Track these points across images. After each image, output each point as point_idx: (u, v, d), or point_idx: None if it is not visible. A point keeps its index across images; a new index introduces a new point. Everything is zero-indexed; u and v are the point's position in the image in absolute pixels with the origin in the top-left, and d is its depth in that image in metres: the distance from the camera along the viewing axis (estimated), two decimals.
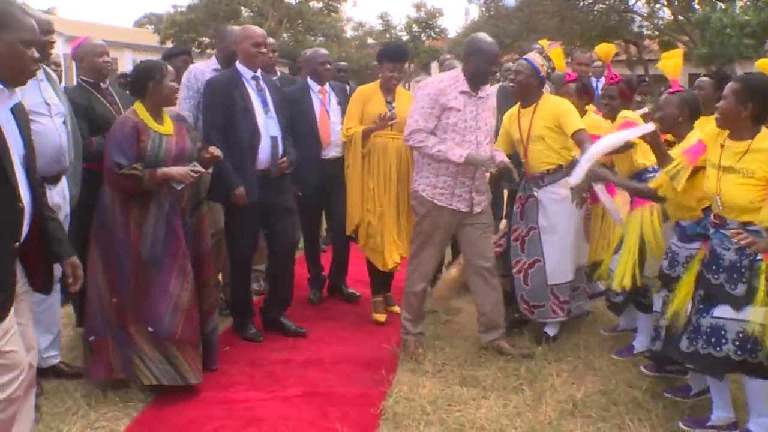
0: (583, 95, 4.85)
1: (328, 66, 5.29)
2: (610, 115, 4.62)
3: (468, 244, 4.40)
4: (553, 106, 4.42)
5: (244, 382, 4.02)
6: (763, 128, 3.25)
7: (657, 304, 3.89)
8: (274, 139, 4.46)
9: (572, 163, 4.28)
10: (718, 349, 3.20)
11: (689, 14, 23.25)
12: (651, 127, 3.65)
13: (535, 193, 4.52)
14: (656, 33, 28.60)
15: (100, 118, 4.16)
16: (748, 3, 17.59)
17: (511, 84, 4.82)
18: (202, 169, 3.84)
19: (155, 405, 3.72)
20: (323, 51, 5.40)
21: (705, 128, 3.67)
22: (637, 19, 29.06)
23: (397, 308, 5.00)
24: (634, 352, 4.39)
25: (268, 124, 4.44)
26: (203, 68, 4.88)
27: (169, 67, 3.85)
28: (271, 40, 5.45)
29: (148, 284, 3.71)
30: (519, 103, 4.60)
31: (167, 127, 3.82)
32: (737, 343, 3.16)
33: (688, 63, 25.75)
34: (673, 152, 3.64)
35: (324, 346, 4.52)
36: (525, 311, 4.61)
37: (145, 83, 3.76)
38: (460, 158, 4.09)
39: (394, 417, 3.57)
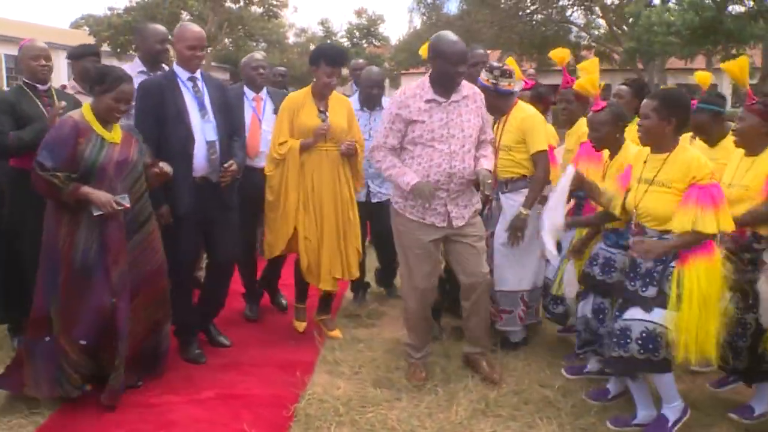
0: (537, 103, 4.85)
1: (262, 71, 5.12)
2: (569, 119, 4.70)
3: (454, 261, 4.12)
4: (521, 119, 4.39)
5: (159, 386, 3.96)
6: (680, 139, 3.39)
7: (585, 308, 3.95)
8: (210, 143, 4.19)
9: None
10: (624, 350, 3.31)
11: (621, 16, 23.95)
12: (571, 171, 3.68)
13: (499, 199, 4.49)
14: (593, 43, 29.28)
15: (26, 116, 4.12)
16: (674, 3, 18.25)
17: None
18: (127, 205, 3.56)
19: (64, 411, 3.63)
20: (258, 55, 5.24)
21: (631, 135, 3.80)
22: (575, 29, 29.77)
23: (336, 333, 4.80)
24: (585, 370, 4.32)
25: (204, 129, 4.19)
26: (129, 72, 4.69)
27: (124, 88, 3.62)
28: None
29: (80, 295, 3.57)
30: None
31: (114, 134, 3.65)
32: (639, 342, 3.28)
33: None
34: (609, 183, 3.76)
35: (243, 350, 4.49)
36: (493, 316, 4.51)
37: (93, 86, 3.64)
38: (407, 186, 3.84)
39: (306, 418, 3.58)
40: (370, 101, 5.24)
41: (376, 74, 5.31)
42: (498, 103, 4.42)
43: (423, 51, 5.16)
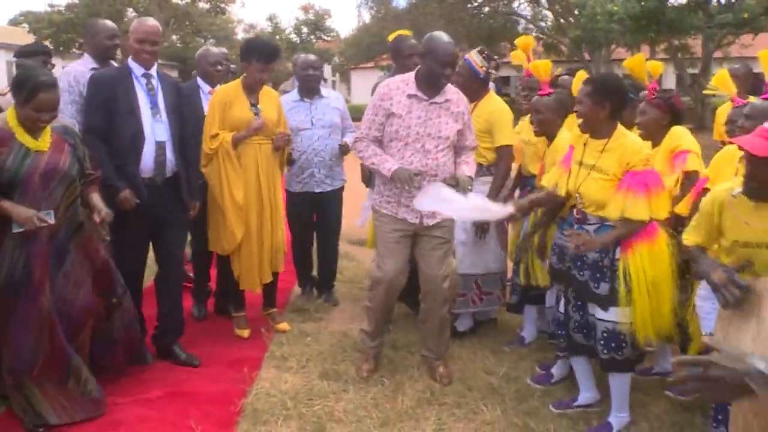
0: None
1: (220, 67, 5.08)
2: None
3: (418, 258, 4.10)
4: (490, 111, 4.44)
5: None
6: (619, 126, 3.44)
7: (550, 299, 4.04)
8: (160, 144, 4.07)
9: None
10: (592, 341, 3.46)
11: (568, 5, 24.38)
12: (509, 210, 3.72)
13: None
14: (541, 35, 29.70)
15: None
16: None
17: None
18: (51, 221, 3.33)
19: (7, 413, 3.57)
20: (216, 50, 5.18)
21: (573, 127, 3.87)
22: (522, 21, 30.15)
23: (284, 325, 4.84)
24: (525, 342, 4.58)
25: (155, 128, 4.06)
26: (81, 69, 4.50)
27: (43, 97, 3.32)
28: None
29: (6, 314, 3.36)
30: None
31: (43, 141, 3.41)
32: (602, 342, 3.39)
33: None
34: (553, 169, 3.79)
35: (191, 348, 4.45)
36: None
37: (16, 93, 3.36)
38: (388, 172, 3.85)
39: (254, 413, 3.61)
40: (309, 89, 5.19)
41: (311, 58, 5.30)
42: (476, 87, 4.49)
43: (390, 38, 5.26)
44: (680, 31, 19.36)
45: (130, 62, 4.11)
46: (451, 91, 4.02)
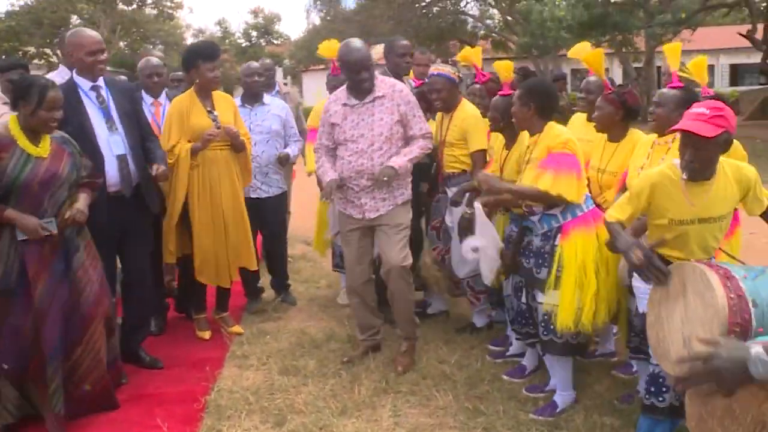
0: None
1: (156, 78, 5.11)
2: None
3: (378, 248, 4.37)
4: (463, 118, 4.60)
5: None
6: (550, 123, 3.74)
7: (507, 288, 4.17)
8: (121, 157, 4.05)
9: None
10: (544, 333, 3.65)
11: (514, 11, 24.84)
12: (478, 206, 4.03)
13: (447, 191, 4.72)
14: (490, 33, 30.17)
15: None
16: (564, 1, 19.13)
17: (436, 101, 4.67)
18: (54, 231, 3.40)
19: None
20: (153, 61, 5.18)
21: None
22: (471, 20, 30.58)
23: (236, 328, 4.96)
24: (478, 326, 4.86)
25: (112, 142, 4.03)
26: (58, 80, 4.25)
27: (53, 95, 3.43)
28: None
29: (1, 316, 3.42)
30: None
31: (42, 148, 3.46)
32: (543, 324, 3.63)
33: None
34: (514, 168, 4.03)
35: (153, 351, 4.53)
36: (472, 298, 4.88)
37: (16, 102, 3.46)
38: (325, 180, 4.22)
39: (218, 409, 3.76)
40: (251, 95, 5.31)
41: (254, 65, 5.43)
42: (456, 98, 4.67)
43: (322, 50, 5.40)
44: (624, 31, 19.93)
45: (76, 77, 4.04)
46: (384, 87, 4.21)
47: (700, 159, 2.75)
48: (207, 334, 4.88)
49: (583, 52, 4.39)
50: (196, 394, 3.92)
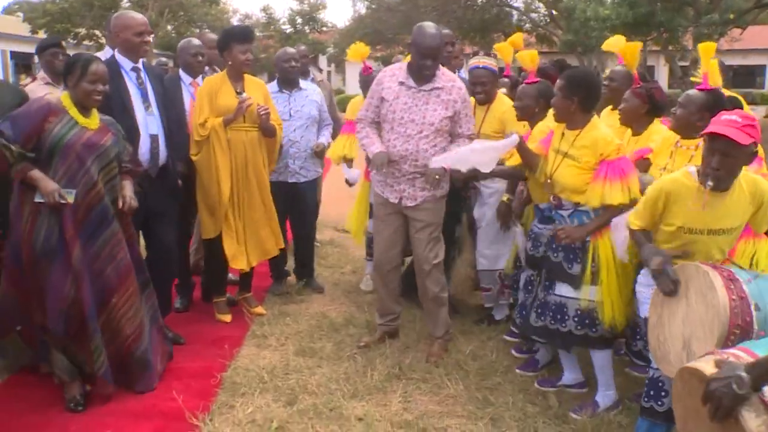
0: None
1: (201, 58, 5.16)
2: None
3: (410, 239, 4.37)
4: (503, 111, 4.63)
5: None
6: (594, 118, 3.68)
7: (522, 281, 4.19)
8: (154, 137, 4.19)
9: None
10: (563, 325, 3.63)
11: (559, 6, 24.57)
12: (515, 139, 3.86)
13: (477, 185, 4.75)
14: (533, 27, 29.87)
15: None
16: None
17: (479, 94, 4.65)
18: (70, 201, 3.45)
19: (6, 384, 3.82)
20: (195, 42, 5.25)
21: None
22: (515, 13, 30.30)
23: (259, 309, 5.04)
24: (497, 318, 4.89)
25: (148, 122, 4.17)
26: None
27: (95, 68, 3.56)
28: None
29: (43, 278, 3.51)
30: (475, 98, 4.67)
31: (91, 121, 3.60)
32: (576, 319, 3.60)
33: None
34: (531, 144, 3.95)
35: (177, 327, 4.65)
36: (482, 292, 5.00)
37: (65, 77, 3.61)
38: (371, 154, 4.18)
39: (233, 386, 3.86)
40: (288, 80, 5.32)
41: (291, 50, 5.40)
42: (495, 87, 4.69)
43: (351, 54, 5.50)
44: (669, 30, 19.54)
45: (118, 56, 4.18)
46: (444, 80, 4.18)
47: (726, 166, 2.72)
48: (227, 317, 4.95)
49: (618, 44, 4.37)
50: (213, 371, 4.03)
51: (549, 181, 3.72)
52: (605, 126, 3.78)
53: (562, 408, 3.70)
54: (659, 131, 3.85)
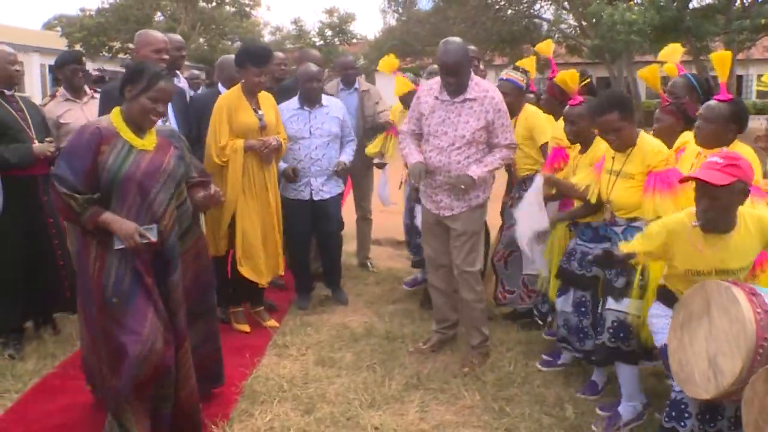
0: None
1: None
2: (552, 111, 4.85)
3: (450, 250, 4.47)
4: (527, 118, 4.77)
5: None
6: (641, 133, 3.68)
7: (565, 304, 4.08)
8: None
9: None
10: (599, 338, 3.64)
11: (587, 14, 24.50)
12: (538, 181, 4.08)
13: (521, 194, 4.74)
14: (564, 38, 29.75)
15: (1, 123, 4.29)
16: (635, 3, 18.75)
17: None
18: (153, 239, 3.08)
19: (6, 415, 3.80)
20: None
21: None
22: (545, 24, 30.22)
23: (271, 322, 5.08)
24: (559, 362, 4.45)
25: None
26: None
27: (163, 85, 3.18)
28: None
29: (114, 330, 3.06)
30: None
31: (148, 141, 3.21)
32: (611, 330, 3.57)
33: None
34: (581, 175, 3.96)
35: None
36: (500, 295, 5.14)
37: (124, 85, 3.22)
38: (409, 165, 4.32)
39: (253, 394, 3.94)
40: (310, 98, 5.27)
41: (314, 69, 5.32)
42: (520, 104, 4.82)
43: (381, 66, 5.62)
44: (698, 37, 19.37)
45: None
46: (477, 91, 4.21)
47: (715, 208, 2.77)
48: (246, 327, 4.99)
49: (674, 55, 4.38)
50: (234, 379, 4.10)
51: (608, 204, 3.73)
52: (652, 138, 3.75)
53: (578, 419, 3.71)
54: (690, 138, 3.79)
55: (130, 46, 29.66)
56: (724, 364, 2.58)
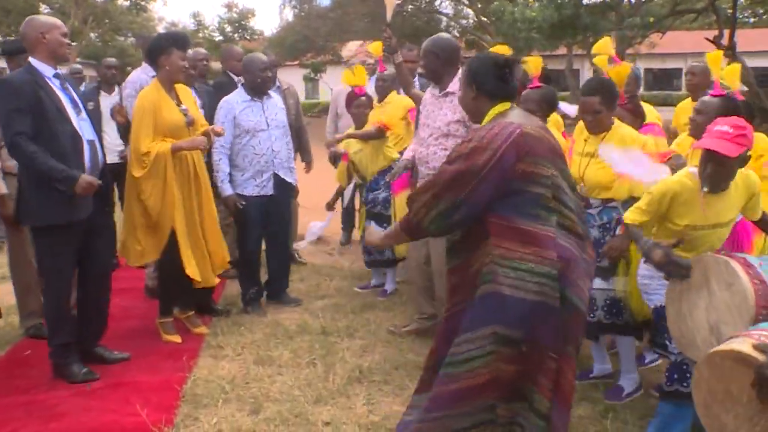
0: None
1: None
2: None
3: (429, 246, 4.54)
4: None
5: (45, 383, 4.03)
6: (616, 120, 3.85)
7: None
8: (91, 143, 3.95)
9: None
10: (591, 316, 3.74)
11: (488, 11, 25.06)
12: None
13: None
14: (466, 34, 30.33)
15: None
16: (533, 0, 19.32)
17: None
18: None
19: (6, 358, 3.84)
20: (263, 58, 5.15)
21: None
22: (444, 19, 30.72)
23: (202, 329, 4.83)
24: None
25: (82, 127, 3.92)
26: (144, 77, 4.85)
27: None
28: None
29: None
30: None
31: None
32: (605, 308, 3.77)
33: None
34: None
35: (131, 342, 4.59)
36: None
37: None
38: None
39: (194, 397, 3.82)
40: (262, 88, 5.10)
41: (264, 58, 5.14)
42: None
43: (345, 78, 5.82)
44: (594, 33, 20.18)
45: (36, 64, 3.85)
46: (457, 85, 4.20)
47: (720, 173, 2.94)
48: (177, 338, 4.68)
49: (604, 48, 4.53)
50: (172, 383, 3.97)
51: (581, 185, 3.83)
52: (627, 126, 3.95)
53: None
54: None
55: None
56: (727, 331, 2.72)
